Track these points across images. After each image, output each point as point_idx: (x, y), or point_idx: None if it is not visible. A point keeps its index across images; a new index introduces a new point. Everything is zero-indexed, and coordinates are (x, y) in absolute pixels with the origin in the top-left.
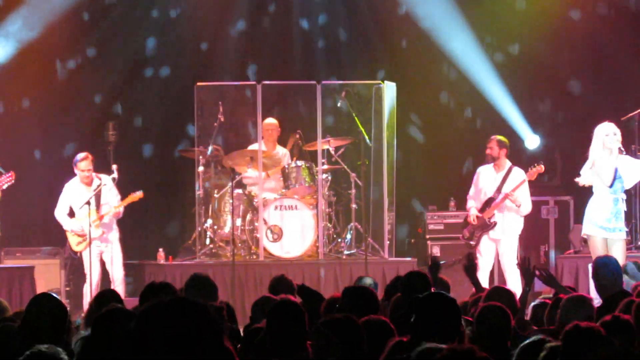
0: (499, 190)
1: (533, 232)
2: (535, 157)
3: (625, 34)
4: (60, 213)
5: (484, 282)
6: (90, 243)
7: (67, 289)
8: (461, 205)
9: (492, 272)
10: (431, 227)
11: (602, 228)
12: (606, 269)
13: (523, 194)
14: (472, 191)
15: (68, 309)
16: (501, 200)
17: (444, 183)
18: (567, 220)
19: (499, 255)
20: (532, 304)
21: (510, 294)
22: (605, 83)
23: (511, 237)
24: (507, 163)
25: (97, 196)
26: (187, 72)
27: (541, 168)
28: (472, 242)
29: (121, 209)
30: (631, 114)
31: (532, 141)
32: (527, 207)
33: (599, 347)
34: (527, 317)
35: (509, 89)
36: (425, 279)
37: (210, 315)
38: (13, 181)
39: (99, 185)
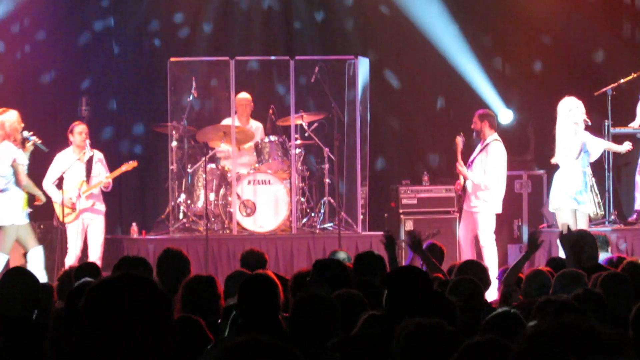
0: (472, 161)
1: (506, 207)
2: (508, 131)
3: (598, 11)
4: (48, 183)
5: (467, 253)
6: (78, 215)
7: None
8: (435, 179)
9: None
10: (404, 201)
11: (574, 199)
12: (584, 242)
13: (483, 165)
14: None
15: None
16: (458, 171)
17: (418, 157)
18: (540, 194)
19: (475, 227)
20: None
21: (482, 267)
22: (578, 58)
23: (484, 211)
24: (491, 136)
25: (88, 168)
26: (161, 48)
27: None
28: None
29: (111, 180)
30: (604, 89)
31: (505, 116)
32: (477, 178)
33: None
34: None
35: (482, 64)
36: (376, 260)
37: (158, 292)
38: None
39: (91, 157)
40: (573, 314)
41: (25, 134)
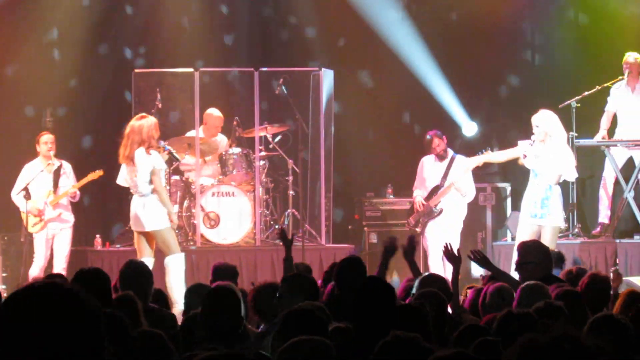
0: (444, 177)
1: (470, 219)
2: (472, 143)
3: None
4: (15, 193)
5: (439, 269)
6: (45, 225)
7: (4, 274)
8: (398, 192)
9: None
10: (368, 213)
11: (529, 214)
12: (530, 254)
13: (467, 181)
14: (417, 181)
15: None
16: (447, 188)
17: (381, 170)
18: (504, 207)
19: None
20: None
21: (443, 280)
22: (542, 70)
23: (456, 224)
24: (450, 152)
25: (56, 179)
26: (125, 59)
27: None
28: (417, 229)
29: (77, 191)
30: (568, 101)
31: (469, 128)
32: (471, 194)
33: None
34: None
35: (446, 77)
36: (357, 268)
37: (83, 304)
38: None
39: (59, 167)
40: (535, 325)
41: (162, 143)
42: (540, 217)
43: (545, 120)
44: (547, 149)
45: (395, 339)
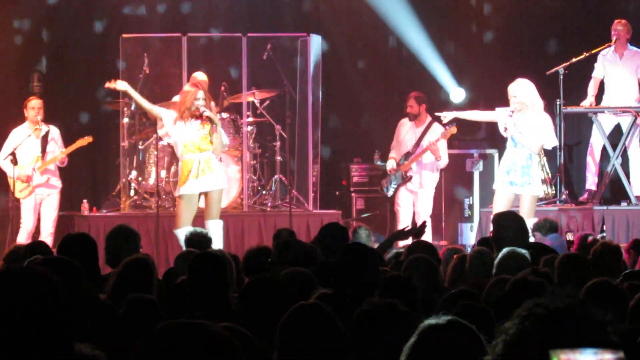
0: (417, 144)
1: (457, 185)
2: (460, 110)
3: None
4: (2, 158)
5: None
6: (33, 190)
7: None
8: (385, 157)
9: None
10: (355, 179)
11: (507, 182)
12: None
13: (442, 148)
14: (394, 142)
15: None
16: (420, 154)
17: (369, 135)
18: (491, 173)
19: (415, 207)
20: None
21: (432, 247)
22: (529, 35)
23: (427, 191)
24: (428, 118)
25: (44, 144)
26: (113, 24)
27: (454, 129)
28: (388, 194)
29: (66, 156)
30: (555, 68)
31: (457, 94)
32: (444, 161)
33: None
34: None
35: (434, 43)
36: (339, 232)
37: (51, 288)
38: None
39: (47, 133)
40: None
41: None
42: (520, 186)
43: (522, 90)
44: (526, 119)
45: (372, 307)
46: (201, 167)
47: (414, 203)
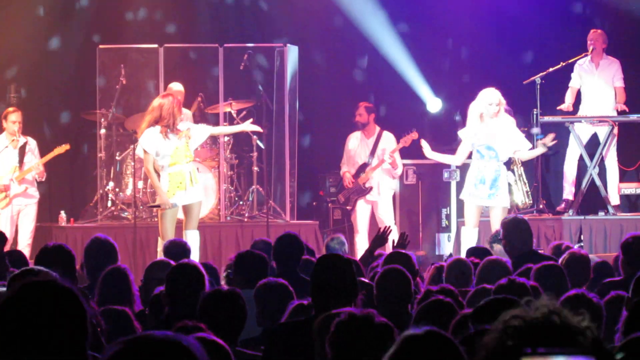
0: (372, 154)
1: (434, 195)
2: (436, 120)
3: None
4: None
5: (364, 244)
6: (10, 201)
7: None
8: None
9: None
10: (333, 190)
11: (477, 196)
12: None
13: (397, 157)
14: (344, 158)
15: None
16: (379, 164)
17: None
18: None
19: (377, 216)
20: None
21: (408, 257)
22: (507, 45)
23: (387, 199)
24: (376, 128)
25: (21, 155)
26: (90, 35)
27: (415, 135)
28: (348, 207)
29: (43, 168)
30: (532, 78)
31: (433, 104)
32: (400, 169)
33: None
34: None
35: (410, 53)
36: (297, 246)
37: (74, 299)
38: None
39: (25, 144)
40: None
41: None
42: (488, 198)
43: (498, 97)
44: (501, 125)
45: (350, 318)
46: (189, 179)
47: (374, 212)
